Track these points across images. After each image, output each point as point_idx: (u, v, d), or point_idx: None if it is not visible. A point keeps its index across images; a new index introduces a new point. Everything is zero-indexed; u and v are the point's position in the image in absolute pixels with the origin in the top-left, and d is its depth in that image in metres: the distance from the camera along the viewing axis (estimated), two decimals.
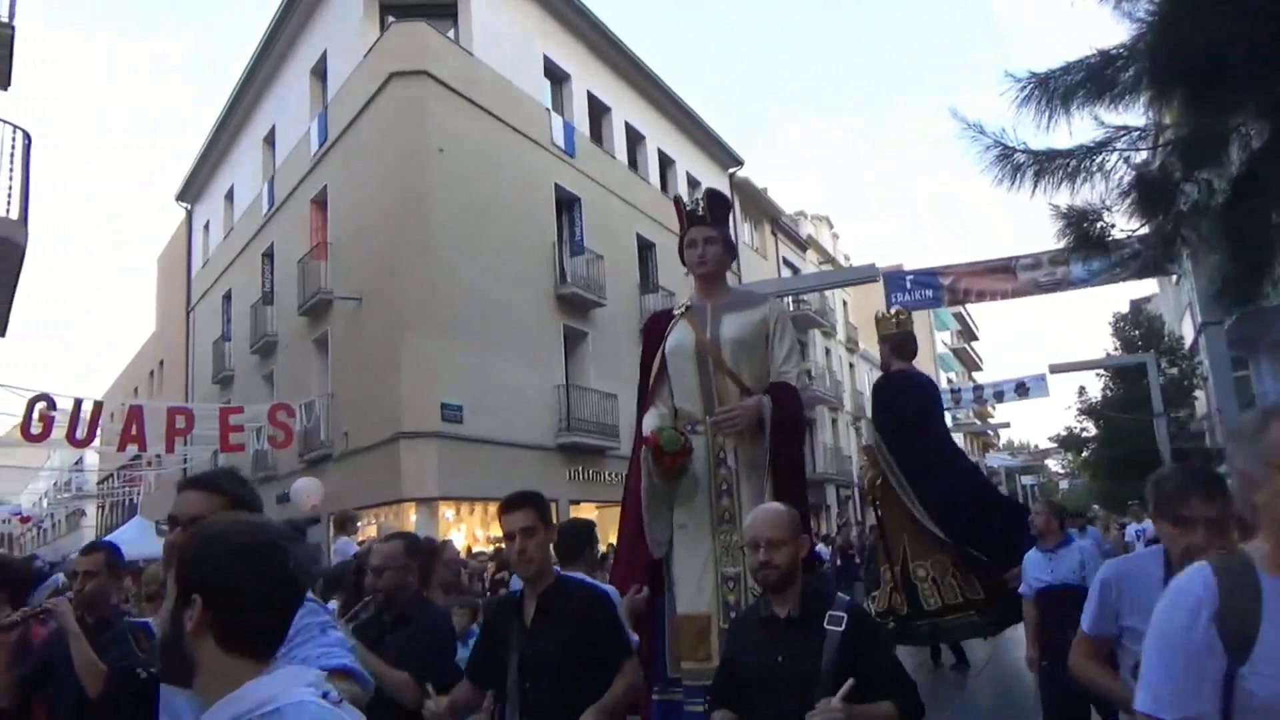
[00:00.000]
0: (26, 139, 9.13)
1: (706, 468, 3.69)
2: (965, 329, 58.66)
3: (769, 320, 3.79)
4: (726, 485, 3.67)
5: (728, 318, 3.77)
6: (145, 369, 32.55)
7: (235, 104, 22.91)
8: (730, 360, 3.70)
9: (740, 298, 4.00)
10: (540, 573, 2.78)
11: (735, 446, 3.67)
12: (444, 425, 15.10)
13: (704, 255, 3.83)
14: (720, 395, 3.70)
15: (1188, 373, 26.16)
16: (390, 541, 3.53)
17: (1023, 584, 4.94)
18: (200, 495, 2.00)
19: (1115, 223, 5.54)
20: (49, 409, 12.93)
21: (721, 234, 3.88)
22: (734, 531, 3.55)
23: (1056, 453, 46.88)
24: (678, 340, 3.82)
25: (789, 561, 2.47)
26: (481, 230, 16.37)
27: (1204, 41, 4.13)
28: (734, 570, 3.55)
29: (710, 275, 3.89)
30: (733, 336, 3.71)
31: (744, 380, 3.68)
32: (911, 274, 16.38)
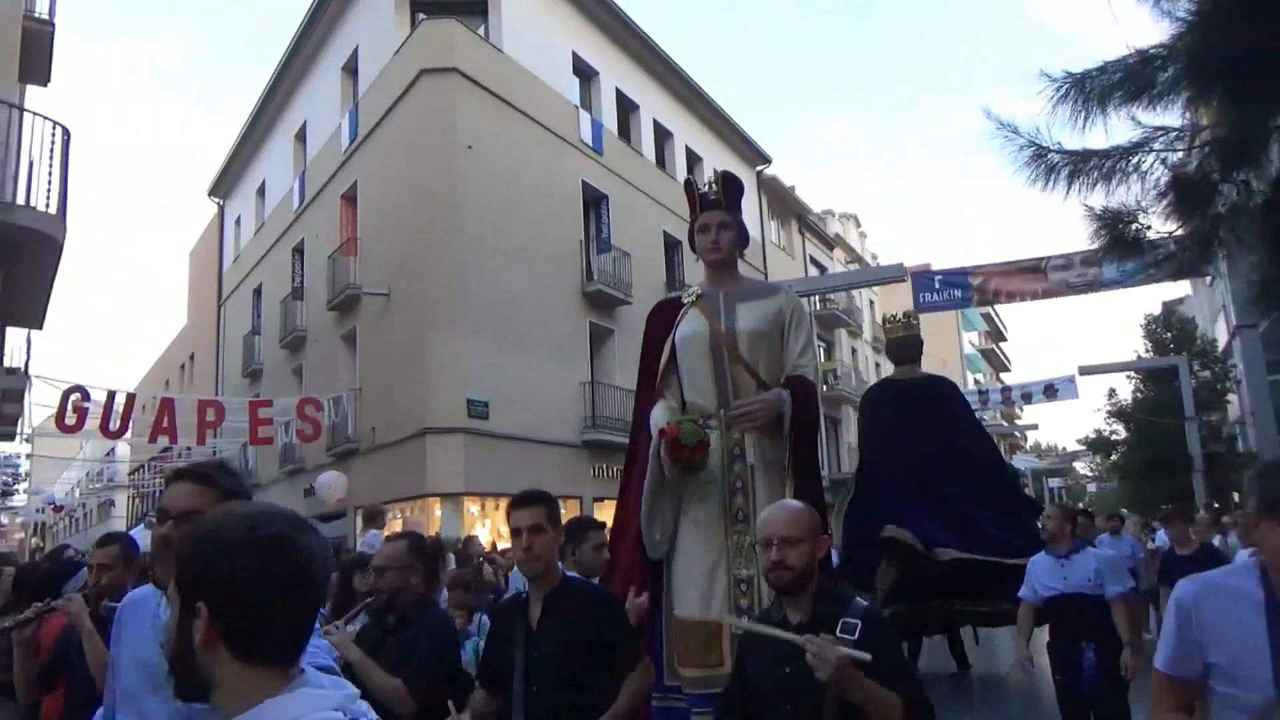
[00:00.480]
0: (66, 135, 9.27)
1: (721, 464, 3.52)
2: (993, 330, 58.08)
3: (785, 311, 3.65)
4: (741, 483, 3.50)
5: (742, 307, 3.62)
6: (176, 362, 33.00)
7: (267, 100, 23.15)
8: (747, 352, 3.55)
9: (754, 287, 3.85)
10: (546, 572, 2.72)
11: (752, 442, 3.52)
12: (470, 421, 15.18)
13: (717, 241, 3.67)
14: (736, 388, 3.54)
15: (1220, 376, 25.77)
16: (393, 541, 3.40)
17: (1025, 587, 4.75)
18: (191, 487, 1.85)
19: (1151, 224, 5.48)
20: (83, 400, 13.17)
21: (735, 219, 3.73)
22: (747, 532, 3.41)
23: (1085, 455, 46.33)
24: (690, 330, 3.66)
25: (804, 563, 2.33)
26: (509, 227, 16.44)
27: (1245, 41, 4.06)
28: (747, 573, 3.38)
29: (722, 262, 3.73)
30: (749, 328, 3.57)
31: (760, 373, 3.53)
32: (940, 274, 16.27)
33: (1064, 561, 4.55)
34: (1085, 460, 51.91)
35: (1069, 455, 55.65)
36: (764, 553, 2.38)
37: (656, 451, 3.47)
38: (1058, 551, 4.61)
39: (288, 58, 21.35)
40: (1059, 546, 4.62)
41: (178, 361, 32.81)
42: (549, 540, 2.72)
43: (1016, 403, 30.46)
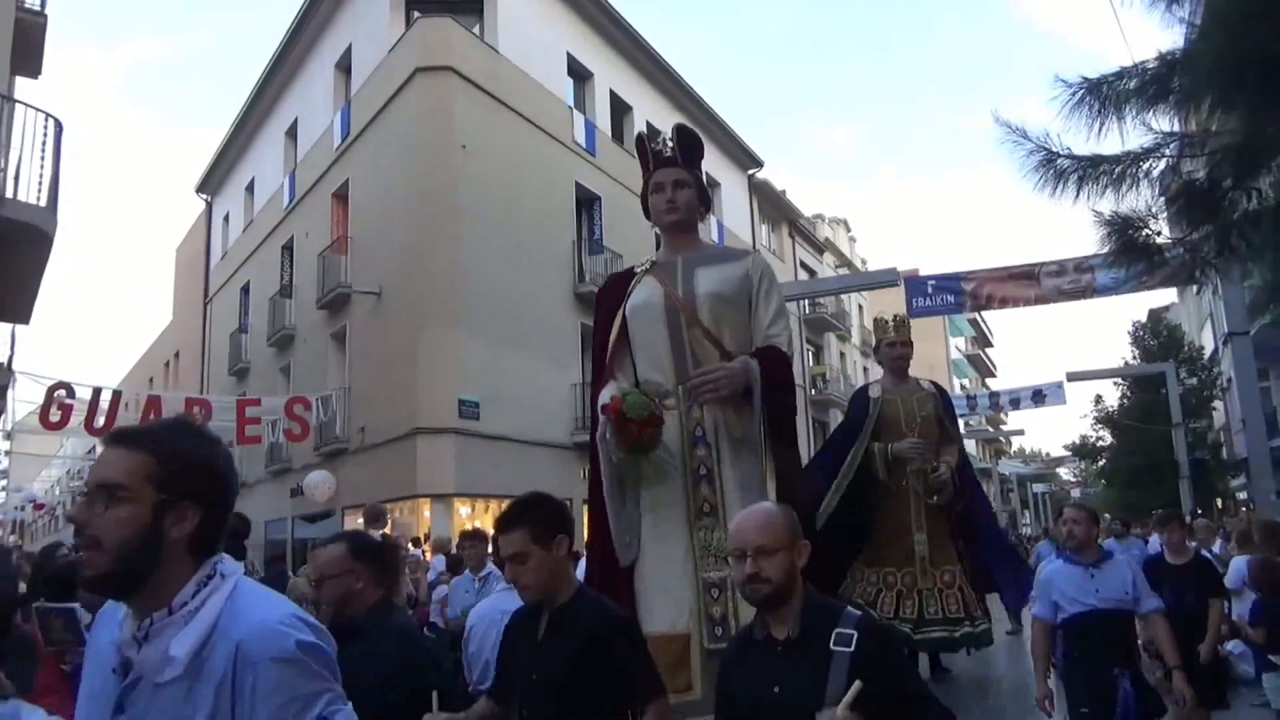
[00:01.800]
0: (58, 127, 9.13)
1: (680, 448, 3.02)
2: (980, 335, 58.42)
3: (752, 276, 3.17)
4: (705, 469, 3.00)
5: (703, 271, 3.15)
6: (161, 359, 32.68)
7: (258, 97, 22.95)
8: (709, 318, 3.07)
9: (717, 251, 3.39)
10: (546, 593, 2.41)
11: (716, 421, 3.01)
12: (461, 421, 15.08)
13: (673, 200, 3.21)
14: (697, 360, 3.03)
15: (1207, 383, 25.99)
16: (329, 545, 2.88)
17: (1039, 604, 4.15)
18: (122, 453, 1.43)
19: (1161, 230, 5.47)
20: (68, 397, 13.00)
21: (694, 177, 3.29)
22: (716, 527, 2.95)
23: (1070, 461, 46.60)
24: (643, 297, 3.19)
25: (783, 573, 2.05)
26: (502, 227, 16.35)
27: (1259, 46, 4.04)
28: (719, 574, 2.91)
29: (680, 224, 3.26)
30: (710, 290, 3.09)
31: (724, 343, 3.05)
32: (933, 279, 16.24)
33: (1094, 571, 3.95)
34: (1070, 466, 52.20)
35: (1054, 461, 55.96)
36: (737, 565, 2.09)
37: (603, 435, 2.97)
38: (1084, 560, 3.99)
39: (280, 54, 21.18)
40: (1086, 554, 4.01)
41: (162, 359, 32.50)
42: (538, 565, 2.38)
43: (1005, 408, 30.59)
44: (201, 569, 1.37)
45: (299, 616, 1.38)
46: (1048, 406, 27.89)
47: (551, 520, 2.44)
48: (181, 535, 1.36)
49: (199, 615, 1.33)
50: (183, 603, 1.34)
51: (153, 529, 1.33)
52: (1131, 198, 5.36)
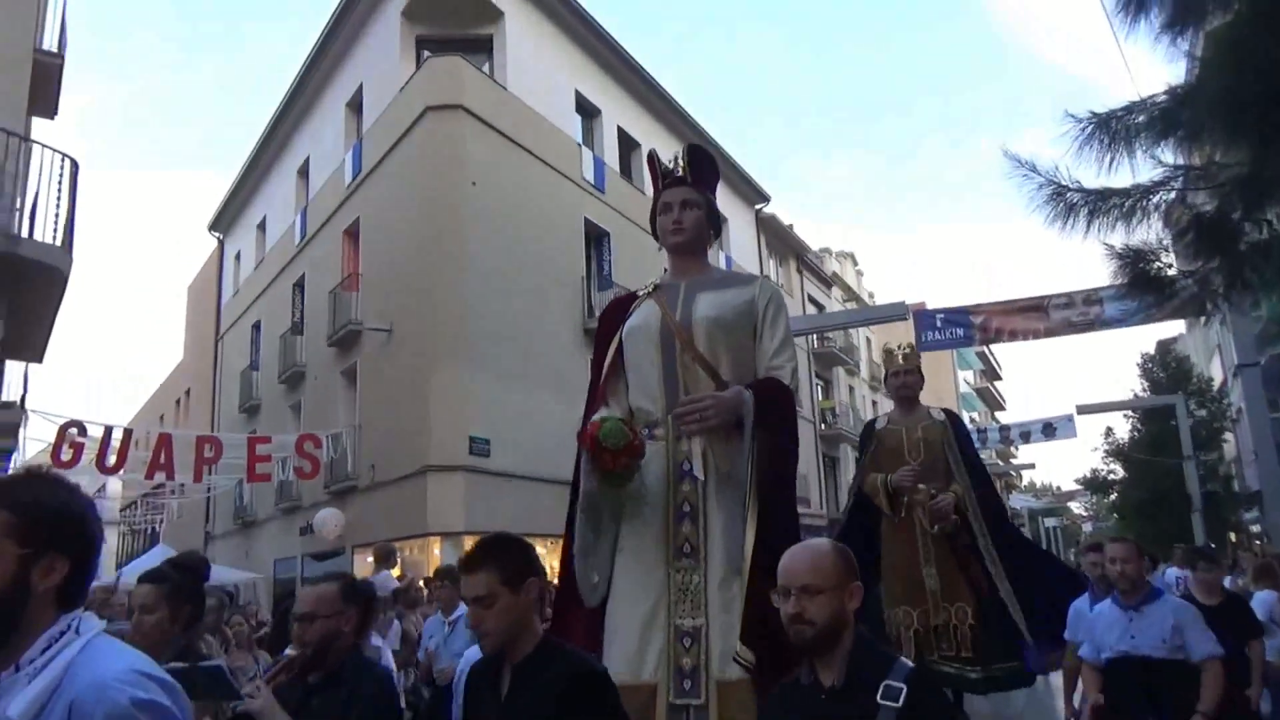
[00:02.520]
0: (74, 166, 9.27)
1: (664, 482, 2.78)
2: (989, 368, 58.28)
3: (758, 302, 2.92)
4: (689, 506, 2.74)
5: (705, 295, 2.92)
6: (172, 397, 32.79)
7: (270, 136, 23.27)
8: (704, 344, 2.83)
9: (723, 275, 3.16)
10: (508, 642, 2.22)
11: (704, 454, 2.76)
12: (471, 459, 15.06)
13: (680, 220, 3.00)
14: (689, 389, 2.79)
15: (1217, 415, 25.84)
16: (323, 584, 2.82)
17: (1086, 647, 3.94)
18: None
19: (1172, 262, 5.48)
20: (79, 435, 13.03)
21: (705, 198, 3.06)
22: (696, 569, 2.68)
23: (1081, 495, 46.25)
24: (639, 320, 2.98)
25: (830, 616, 1.93)
26: (511, 263, 16.45)
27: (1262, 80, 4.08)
28: (693, 623, 2.63)
29: (687, 246, 3.04)
30: (709, 315, 2.86)
31: (721, 372, 2.80)
32: (942, 312, 16.26)
33: (1133, 615, 3.73)
34: (1081, 500, 51.79)
35: (1065, 494, 55.53)
36: (782, 603, 1.98)
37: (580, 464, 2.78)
38: (1128, 602, 3.77)
39: (292, 94, 21.50)
40: (1131, 596, 3.78)
41: (173, 397, 32.61)
42: (504, 610, 2.18)
43: (1015, 441, 30.45)
44: (55, 625, 1.32)
45: (144, 672, 1.30)
46: (1058, 440, 27.78)
47: (522, 561, 2.28)
48: (49, 588, 1.31)
49: (43, 673, 1.26)
50: (30, 660, 1.28)
51: (16, 585, 1.28)
52: (1142, 230, 5.37)
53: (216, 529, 25.40)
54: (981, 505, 5.19)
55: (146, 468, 14.02)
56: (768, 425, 2.67)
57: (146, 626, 2.84)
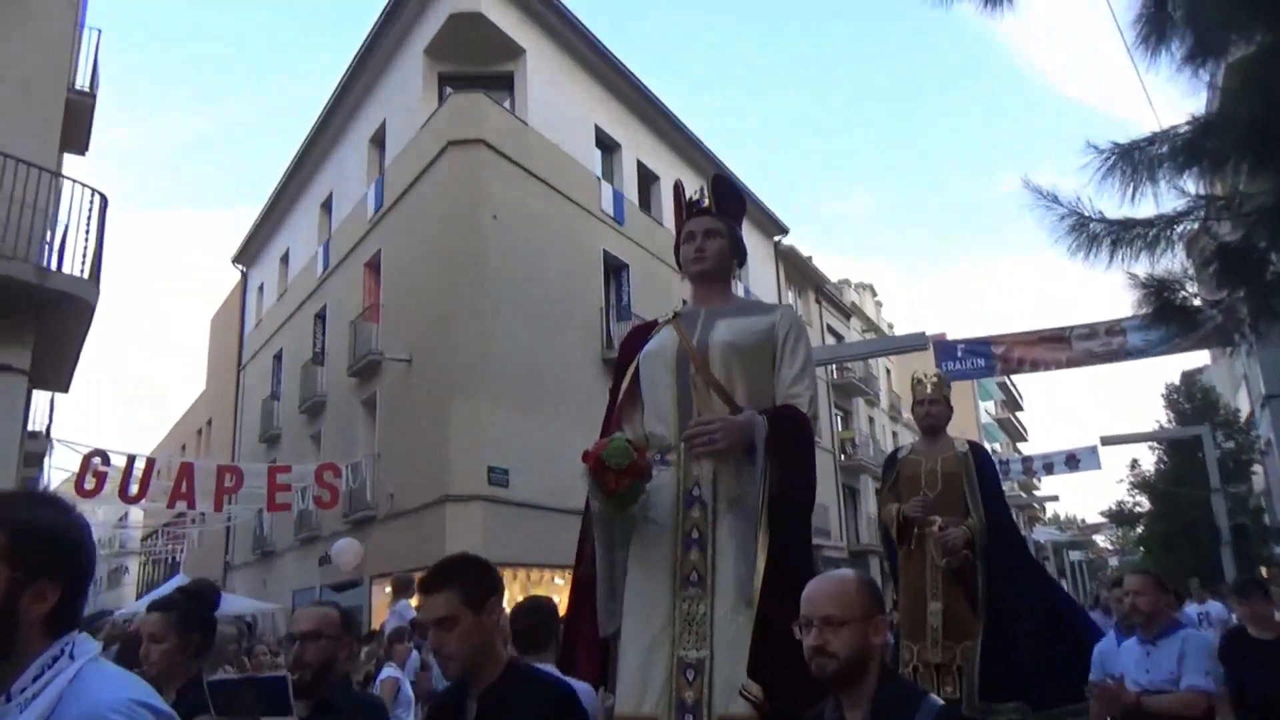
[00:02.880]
0: (103, 201, 9.44)
1: (674, 507, 2.70)
2: (1010, 399, 57.85)
3: (778, 329, 2.87)
4: (698, 533, 2.65)
5: (724, 322, 2.87)
6: (193, 427, 33.07)
7: (295, 171, 23.64)
8: (720, 368, 2.77)
9: (745, 303, 3.11)
10: (472, 669, 2.15)
11: (714, 479, 2.68)
12: (490, 489, 15.06)
13: (702, 248, 2.96)
14: (702, 413, 2.73)
15: (1245, 447, 25.45)
16: (322, 606, 2.79)
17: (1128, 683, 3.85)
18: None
19: (1197, 292, 5.43)
20: (103, 465, 13.13)
21: (727, 227, 3.02)
22: (702, 598, 2.58)
23: (1107, 528, 45.57)
24: (656, 345, 2.93)
25: (852, 649, 1.88)
26: (531, 294, 16.55)
27: None
28: (697, 655, 2.52)
29: (708, 275, 2.99)
30: (724, 340, 2.81)
31: (735, 397, 2.74)
32: (963, 343, 16.20)
33: (1150, 649, 3.74)
34: (1107, 533, 51.02)
35: (1090, 528, 54.70)
36: (804, 635, 1.94)
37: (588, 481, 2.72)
38: (1145, 636, 3.78)
39: (316, 131, 21.87)
40: (1147, 630, 3.78)
41: (194, 427, 32.89)
42: (467, 632, 2.11)
43: (1038, 473, 30.09)
44: (48, 651, 1.27)
45: (140, 701, 1.26)
46: (1082, 471, 27.37)
47: (485, 581, 2.21)
48: (39, 615, 1.26)
49: (34, 703, 1.22)
50: (22, 688, 1.24)
51: (7, 610, 1.24)
52: (1166, 260, 5.33)
53: (236, 559, 25.47)
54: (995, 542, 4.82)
55: (168, 497, 14.10)
56: (782, 452, 2.58)
57: (156, 655, 2.82)
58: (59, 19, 10.28)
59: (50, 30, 10.11)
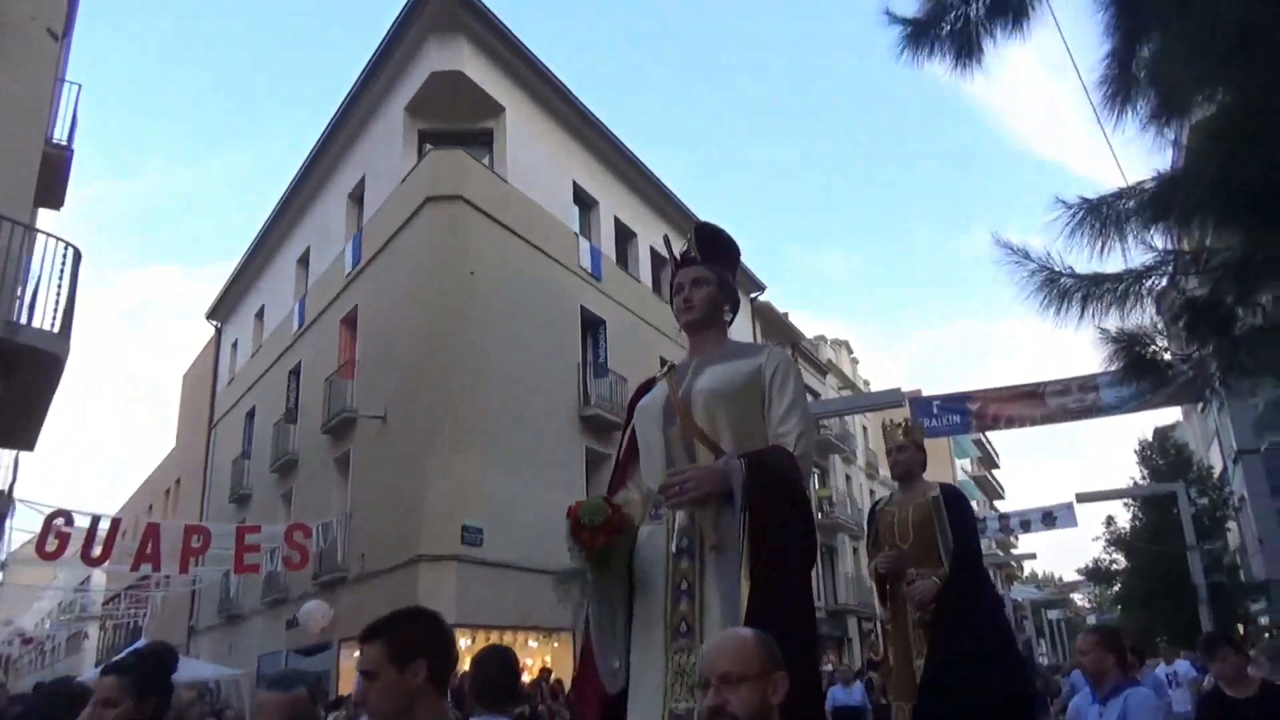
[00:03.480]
0: (76, 255, 9.34)
1: (664, 560, 2.69)
2: (986, 456, 58.04)
3: (764, 369, 2.83)
4: (686, 584, 2.64)
5: (711, 369, 2.87)
6: (162, 487, 32.44)
7: (272, 227, 23.65)
8: (703, 416, 2.75)
9: (735, 349, 3.04)
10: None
11: (698, 528, 2.65)
12: (463, 548, 14.80)
13: (689, 298, 2.97)
14: (677, 463, 2.73)
15: (1219, 503, 25.62)
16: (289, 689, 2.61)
17: None
18: None
19: (1168, 346, 5.48)
20: (66, 525, 12.80)
21: (716, 274, 3.02)
22: (692, 649, 2.55)
23: (1085, 585, 45.52)
24: (647, 399, 2.95)
25: (753, 708, 1.79)
26: (507, 350, 16.50)
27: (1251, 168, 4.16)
28: (686, 705, 2.50)
29: (699, 324, 2.99)
30: (707, 387, 2.79)
31: (722, 444, 2.70)
32: (939, 399, 16.34)
33: (1101, 708, 3.75)
34: (1084, 590, 50.95)
35: (1067, 586, 54.61)
36: (702, 696, 1.86)
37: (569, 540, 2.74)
38: (1097, 693, 3.81)
39: (295, 186, 21.94)
40: (1098, 687, 3.81)
41: (163, 486, 32.26)
42: (385, 689, 2.05)
43: (1015, 530, 30.01)
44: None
45: None
46: (1059, 529, 27.34)
47: (416, 640, 2.12)
48: None
49: None
50: None
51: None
52: (1136, 315, 5.37)
53: (200, 622, 24.78)
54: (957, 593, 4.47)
55: (132, 559, 13.73)
56: (763, 494, 2.52)
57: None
58: (39, 73, 10.29)
59: (29, 84, 10.10)
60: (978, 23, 4.80)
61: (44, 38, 10.28)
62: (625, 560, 2.70)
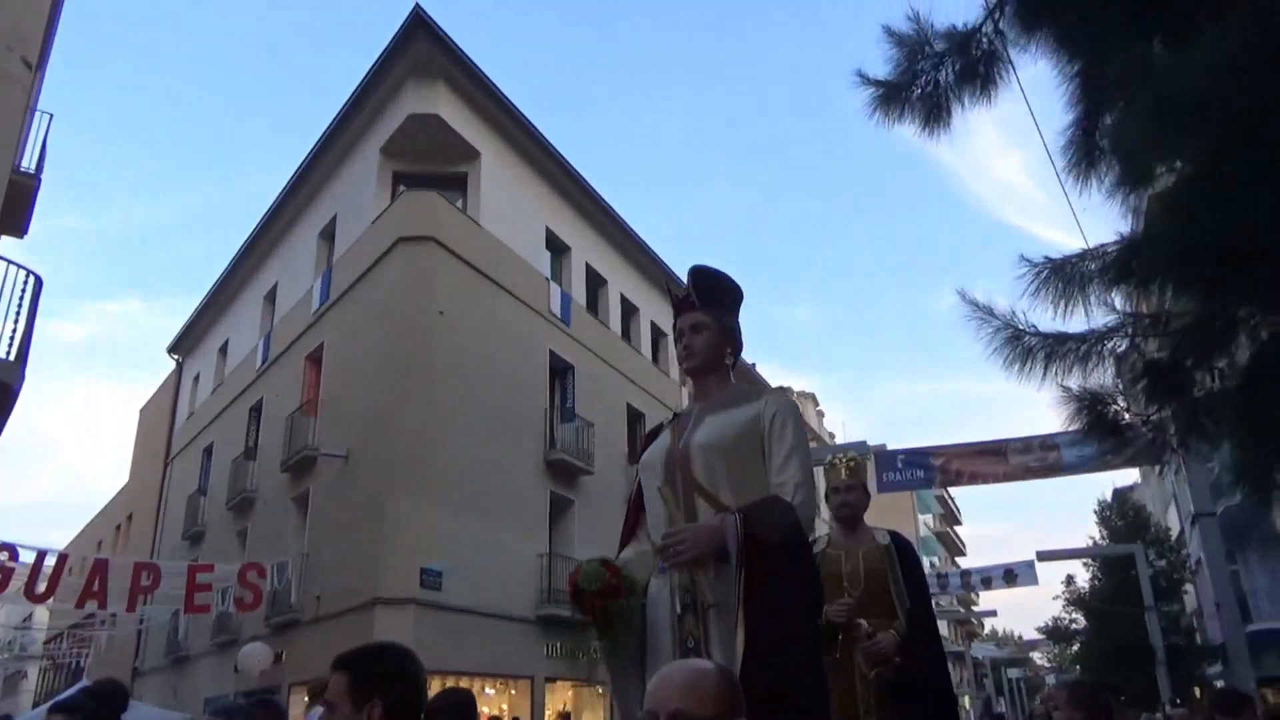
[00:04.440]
0: (38, 283, 9.19)
1: (670, 617, 2.69)
2: (948, 512, 58.39)
3: (763, 417, 2.78)
4: (694, 641, 2.64)
5: (711, 418, 2.85)
6: (113, 522, 31.60)
7: (240, 262, 23.45)
8: (702, 470, 2.73)
9: (736, 394, 2.97)
10: None
11: (698, 587, 2.63)
12: (422, 592, 14.55)
13: (688, 345, 2.94)
14: (691, 520, 2.70)
15: (1176, 565, 25.87)
16: None
17: None
18: None
19: (1129, 406, 5.56)
20: (10, 560, 12.41)
21: (715, 319, 2.97)
22: None
23: (1044, 644, 45.56)
24: (652, 454, 2.92)
25: None
26: (474, 393, 16.41)
27: (1209, 235, 4.28)
28: None
29: (699, 370, 2.96)
30: (705, 440, 2.77)
31: (722, 498, 2.68)
32: (903, 453, 16.42)
33: None
34: (1044, 649, 50.97)
35: (1027, 644, 54.67)
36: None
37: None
38: None
39: (265, 222, 21.83)
40: None
41: (114, 522, 31.43)
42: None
43: (976, 587, 30.12)
44: None
45: None
46: (1020, 586, 27.50)
47: (376, 678, 2.06)
48: None
49: None
50: None
51: None
52: (1098, 374, 5.46)
53: (146, 664, 24.00)
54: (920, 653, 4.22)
55: (78, 596, 13.30)
56: (759, 549, 2.48)
57: None
58: (11, 101, 10.20)
59: (1, 111, 10.01)
60: (947, 87, 4.92)
61: (18, 66, 10.21)
62: (633, 617, 2.68)
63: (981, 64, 4.81)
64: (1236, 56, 3.25)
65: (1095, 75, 4.71)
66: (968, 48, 4.80)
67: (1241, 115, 3.41)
